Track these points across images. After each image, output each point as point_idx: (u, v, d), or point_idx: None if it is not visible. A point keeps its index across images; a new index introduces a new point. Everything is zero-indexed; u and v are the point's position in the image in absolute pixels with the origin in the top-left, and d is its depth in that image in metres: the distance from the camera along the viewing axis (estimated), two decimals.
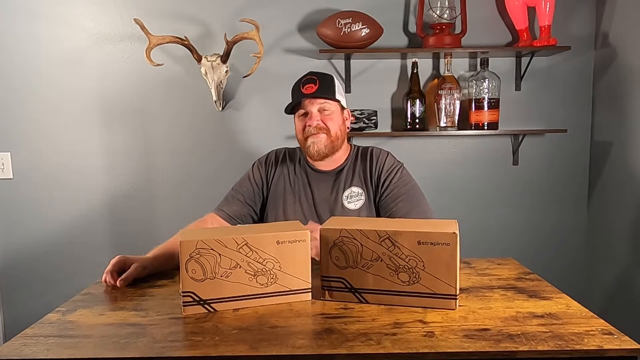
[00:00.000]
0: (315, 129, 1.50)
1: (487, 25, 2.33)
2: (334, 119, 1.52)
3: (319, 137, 1.50)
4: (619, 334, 0.90)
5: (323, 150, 1.51)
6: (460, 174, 2.41)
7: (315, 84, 1.50)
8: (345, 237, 1.06)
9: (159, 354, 0.86)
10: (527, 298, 1.10)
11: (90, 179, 2.38)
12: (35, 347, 0.90)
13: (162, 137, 2.38)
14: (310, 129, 1.50)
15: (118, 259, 1.26)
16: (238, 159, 2.35)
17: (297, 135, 1.57)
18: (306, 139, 1.52)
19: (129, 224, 2.41)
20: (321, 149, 1.51)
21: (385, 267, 1.05)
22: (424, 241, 1.02)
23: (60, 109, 2.34)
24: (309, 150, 1.52)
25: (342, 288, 1.09)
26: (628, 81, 2.11)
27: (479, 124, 2.25)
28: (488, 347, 0.86)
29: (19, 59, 2.31)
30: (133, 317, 1.03)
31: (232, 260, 1.04)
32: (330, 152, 1.53)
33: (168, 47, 2.27)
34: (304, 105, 1.52)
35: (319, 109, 1.51)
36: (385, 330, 0.93)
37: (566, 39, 2.27)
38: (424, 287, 1.04)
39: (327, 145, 1.51)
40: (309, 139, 1.51)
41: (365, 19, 2.16)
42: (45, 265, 2.40)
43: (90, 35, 2.31)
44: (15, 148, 2.35)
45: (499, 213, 2.43)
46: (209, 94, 2.29)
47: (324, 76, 1.54)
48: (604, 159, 2.30)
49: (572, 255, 2.45)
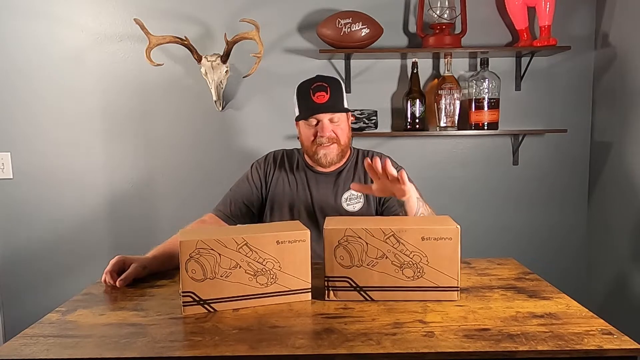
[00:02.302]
0: (327, 140, 1.51)
1: (487, 25, 2.33)
2: (343, 128, 1.55)
3: (330, 148, 1.52)
4: (619, 334, 0.90)
5: (334, 160, 1.55)
6: (460, 174, 2.41)
7: (326, 92, 1.50)
8: (350, 237, 1.07)
9: (159, 354, 0.86)
10: (527, 298, 1.10)
11: (90, 179, 2.38)
12: (35, 347, 0.90)
13: (162, 137, 2.38)
14: (322, 140, 1.51)
15: (118, 259, 1.26)
16: (238, 159, 2.35)
17: (304, 141, 1.56)
18: (316, 149, 1.53)
19: (129, 224, 2.41)
20: (333, 158, 1.55)
21: (390, 264, 1.07)
22: (427, 237, 1.05)
23: (60, 109, 2.34)
24: (320, 160, 1.54)
25: (347, 287, 1.09)
26: (628, 81, 2.11)
27: (479, 124, 2.25)
28: (488, 347, 0.86)
29: (19, 58, 2.31)
30: (133, 317, 1.03)
31: (232, 260, 1.04)
32: (340, 159, 1.58)
33: (168, 47, 2.27)
34: (316, 115, 1.52)
35: (329, 118, 1.52)
36: (385, 330, 0.94)
37: (566, 39, 2.26)
38: (428, 281, 1.07)
39: (338, 154, 1.55)
40: (321, 150, 1.52)
41: (365, 19, 2.16)
42: (45, 265, 2.40)
43: (90, 35, 2.31)
44: (15, 148, 2.35)
45: (499, 213, 2.43)
46: (209, 94, 2.29)
47: (333, 82, 1.54)
48: (604, 159, 2.30)
49: (572, 255, 2.45)
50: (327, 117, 1.51)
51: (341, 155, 1.56)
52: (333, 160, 1.55)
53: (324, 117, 1.51)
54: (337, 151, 1.54)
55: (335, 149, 1.53)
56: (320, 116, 1.51)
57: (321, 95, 1.49)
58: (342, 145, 1.54)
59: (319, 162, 1.55)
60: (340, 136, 1.53)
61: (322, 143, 1.52)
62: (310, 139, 1.54)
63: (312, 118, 1.52)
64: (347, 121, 1.57)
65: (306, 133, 1.55)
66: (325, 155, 1.53)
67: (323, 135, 1.51)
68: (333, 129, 1.52)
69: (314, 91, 1.50)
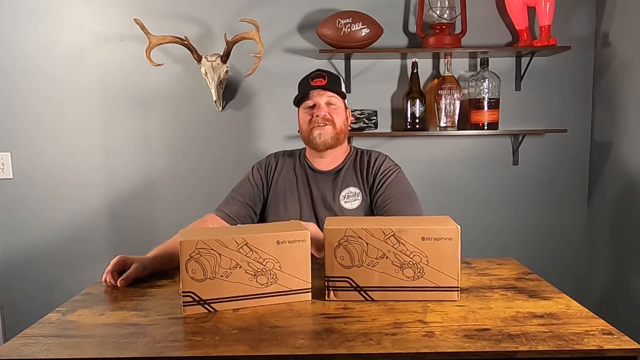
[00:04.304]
0: (323, 120, 1.54)
1: (487, 25, 2.33)
2: (340, 114, 1.58)
3: (325, 129, 1.54)
4: (619, 333, 0.90)
5: (329, 142, 1.55)
6: (460, 174, 2.41)
7: (324, 79, 1.56)
8: (351, 237, 1.07)
9: (159, 354, 0.86)
10: (527, 298, 1.10)
11: (90, 179, 2.38)
12: (35, 347, 0.90)
13: (162, 137, 2.38)
14: (317, 119, 1.54)
15: (118, 259, 1.26)
16: (238, 159, 2.35)
17: (302, 126, 1.59)
18: (312, 130, 1.55)
19: (129, 224, 2.41)
20: (327, 140, 1.55)
21: (391, 264, 1.07)
22: (428, 237, 1.06)
23: (60, 108, 2.34)
24: (315, 140, 1.55)
25: (347, 287, 1.09)
26: (628, 81, 2.11)
27: (479, 124, 2.25)
28: (488, 347, 0.86)
29: (19, 58, 2.31)
30: (133, 317, 1.03)
31: (232, 260, 1.04)
32: (335, 144, 1.57)
33: (168, 47, 2.27)
34: (312, 97, 1.56)
35: (326, 101, 1.56)
36: (385, 330, 0.93)
37: (566, 39, 2.26)
38: (428, 281, 1.07)
39: (333, 137, 1.56)
40: (315, 130, 1.54)
41: (365, 19, 2.16)
42: (45, 265, 2.40)
43: (90, 35, 2.31)
44: (16, 148, 2.35)
45: (499, 213, 2.43)
46: (209, 94, 2.29)
47: (332, 73, 1.59)
48: (604, 159, 2.30)
49: (572, 255, 2.45)
50: (324, 100, 1.55)
51: (336, 139, 1.56)
52: (327, 141, 1.55)
53: (320, 98, 1.55)
54: (332, 133, 1.55)
55: (330, 131, 1.55)
56: (316, 98, 1.55)
57: (319, 80, 1.56)
58: (337, 129, 1.56)
59: (314, 144, 1.56)
60: (335, 120, 1.56)
61: (317, 123, 1.54)
62: (307, 122, 1.57)
63: (309, 99, 1.56)
64: (344, 111, 1.61)
65: (303, 117, 1.58)
66: (320, 135, 1.54)
67: (318, 114, 1.54)
68: (329, 111, 1.55)
69: (312, 78, 1.57)
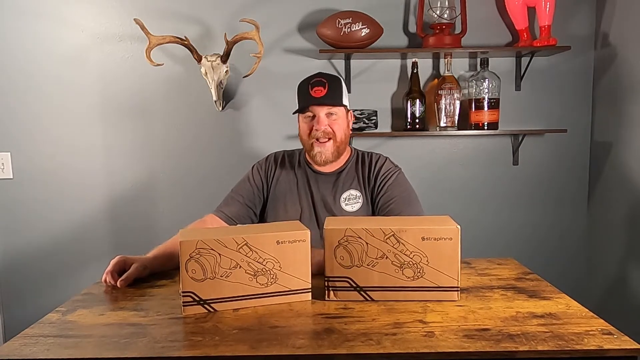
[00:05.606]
0: (323, 134, 1.51)
1: (487, 25, 2.33)
2: (340, 124, 1.54)
3: (325, 146, 1.52)
4: (619, 334, 0.90)
5: (330, 159, 1.54)
6: (460, 174, 2.41)
7: (324, 87, 1.50)
8: (351, 237, 1.07)
9: (159, 354, 0.86)
10: (527, 298, 1.10)
11: (90, 179, 2.38)
12: (35, 347, 0.90)
13: (162, 137, 2.38)
14: (317, 134, 1.51)
15: (118, 259, 1.26)
16: (238, 159, 2.35)
17: (302, 136, 1.57)
18: (312, 145, 1.53)
19: (129, 224, 2.40)
20: (328, 157, 1.53)
21: (391, 264, 1.07)
22: (428, 237, 1.06)
23: (60, 109, 2.34)
24: (315, 158, 1.54)
25: (347, 287, 1.09)
26: (628, 81, 2.11)
27: (479, 124, 2.25)
28: (488, 347, 0.86)
29: (19, 58, 2.31)
30: (133, 317, 1.03)
31: (232, 260, 1.04)
32: (336, 158, 1.56)
33: (168, 47, 2.27)
34: (312, 108, 1.52)
35: (326, 113, 1.52)
36: (385, 330, 0.94)
37: (566, 39, 2.26)
38: (428, 281, 1.07)
39: (334, 152, 1.54)
40: (316, 147, 1.52)
41: (365, 19, 2.16)
42: (45, 265, 2.40)
43: (90, 35, 2.31)
44: (16, 148, 2.35)
45: (499, 213, 2.43)
46: (209, 94, 2.29)
47: (332, 79, 1.54)
48: (604, 159, 2.30)
49: (572, 255, 2.45)
50: (324, 112, 1.51)
51: (337, 153, 1.55)
52: (328, 159, 1.53)
53: (320, 111, 1.51)
54: (333, 149, 1.53)
55: (330, 147, 1.52)
56: (316, 110, 1.51)
57: (319, 89, 1.50)
58: (337, 142, 1.53)
59: (314, 160, 1.55)
60: (336, 132, 1.52)
61: (317, 138, 1.51)
62: (306, 133, 1.54)
63: (309, 111, 1.52)
64: (345, 118, 1.57)
65: (303, 127, 1.55)
66: (320, 154, 1.52)
67: (318, 128, 1.50)
68: (330, 123, 1.52)
69: (312, 86, 1.51)
